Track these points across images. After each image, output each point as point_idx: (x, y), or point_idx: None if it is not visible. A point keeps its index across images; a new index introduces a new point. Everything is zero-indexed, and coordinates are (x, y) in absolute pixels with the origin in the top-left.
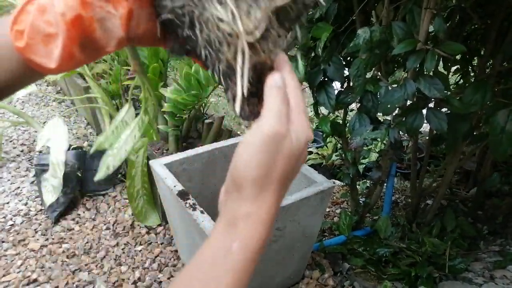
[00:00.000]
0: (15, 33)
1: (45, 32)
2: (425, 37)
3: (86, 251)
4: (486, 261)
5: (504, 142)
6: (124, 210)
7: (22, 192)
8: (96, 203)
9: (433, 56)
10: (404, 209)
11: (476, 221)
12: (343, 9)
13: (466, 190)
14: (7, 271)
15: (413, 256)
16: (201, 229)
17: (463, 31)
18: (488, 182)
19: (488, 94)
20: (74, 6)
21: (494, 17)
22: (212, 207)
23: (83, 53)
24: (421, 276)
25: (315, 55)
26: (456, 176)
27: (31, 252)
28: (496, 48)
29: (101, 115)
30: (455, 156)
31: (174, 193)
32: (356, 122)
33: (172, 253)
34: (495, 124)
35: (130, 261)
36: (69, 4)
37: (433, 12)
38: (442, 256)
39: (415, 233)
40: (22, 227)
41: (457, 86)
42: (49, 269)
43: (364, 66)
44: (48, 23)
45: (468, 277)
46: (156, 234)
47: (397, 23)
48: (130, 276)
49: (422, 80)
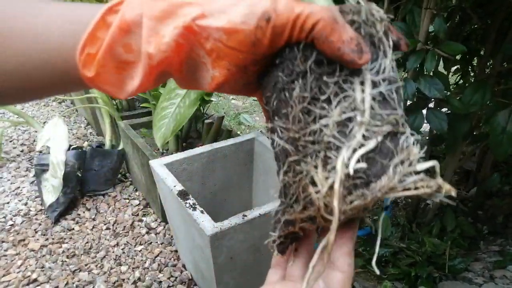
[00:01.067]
0: (85, 57)
1: (121, 59)
2: (425, 37)
3: (86, 251)
4: (486, 261)
5: (504, 143)
6: (124, 210)
7: (22, 192)
8: (96, 203)
9: (433, 56)
10: (404, 209)
11: (476, 221)
12: None
13: (466, 190)
14: (7, 271)
15: (413, 256)
16: (201, 229)
17: (463, 31)
18: (488, 182)
19: (488, 94)
20: (166, 49)
21: (494, 17)
22: (212, 207)
23: (156, 83)
24: (421, 276)
25: None
26: (456, 176)
27: (31, 252)
28: (496, 48)
29: (101, 115)
30: (455, 156)
31: (174, 193)
32: None
33: (172, 253)
34: (495, 124)
35: (130, 261)
36: (161, 48)
37: (433, 12)
38: (442, 256)
39: (415, 233)
40: (22, 227)
41: (457, 86)
42: (49, 269)
43: None
44: (128, 48)
45: (468, 277)
46: (156, 234)
47: (397, 23)
48: (130, 276)
49: (422, 80)
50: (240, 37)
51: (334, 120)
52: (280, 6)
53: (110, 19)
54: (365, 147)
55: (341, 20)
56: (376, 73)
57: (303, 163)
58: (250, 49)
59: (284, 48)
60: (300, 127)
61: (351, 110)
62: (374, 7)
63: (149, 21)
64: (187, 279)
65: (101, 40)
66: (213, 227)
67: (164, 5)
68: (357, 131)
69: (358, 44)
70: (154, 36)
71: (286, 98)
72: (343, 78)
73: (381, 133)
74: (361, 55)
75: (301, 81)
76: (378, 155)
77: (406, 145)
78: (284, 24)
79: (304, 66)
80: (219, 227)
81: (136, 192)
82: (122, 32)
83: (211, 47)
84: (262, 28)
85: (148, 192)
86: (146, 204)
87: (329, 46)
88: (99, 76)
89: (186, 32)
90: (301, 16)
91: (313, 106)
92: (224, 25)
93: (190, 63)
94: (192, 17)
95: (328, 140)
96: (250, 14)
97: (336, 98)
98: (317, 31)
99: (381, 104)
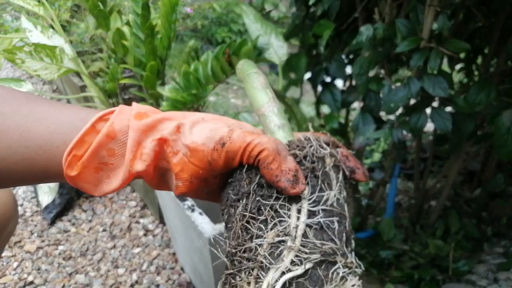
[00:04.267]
0: (71, 158)
1: (103, 161)
2: (429, 35)
3: (83, 253)
4: (490, 263)
5: (509, 143)
6: (121, 212)
7: (18, 193)
8: (92, 204)
9: (437, 54)
10: (407, 210)
11: (480, 223)
12: (346, 6)
13: (470, 191)
14: (3, 273)
15: (416, 258)
16: (199, 231)
17: (467, 29)
18: (492, 183)
19: (493, 94)
20: (146, 159)
21: (498, 15)
22: (210, 208)
23: (130, 183)
24: (424, 278)
25: (317, 53)
26: (460, 176)
27: (27, 254)
28: (500, 47)
29: None
30: (459, 156)
31: (172, 194)
32: (360, 122)
33: (169, 256)
34: (500, 124)
35: (127, 263)
36: (142, 158)
37: (437, 10)
38: (446, 258)
39: (419, 234)
40: (17, 229)
41: (462, 85)
42: (45, 271)
43: (367, 64)
44: (112, 152)
45: (472, 280)
46: (153, 236)
47: (401, 21)
48: (127, 279)
49: (426, 78)
50: (200, 155)
51: (268, 241)
52: (235, 135)
53: (99, 127)
54: (292, 272)
55: (284, 152)
56: (316, 203)
57: (238, 277)
58: (207, 167)
59: (237, 169)
60: (238, 243)
61: (285, 234)
62: (323, 143)
63: (134, 134)
64: (185, 282)
65: (88, 144)
66: (212, 229)
67: (148, 121)
68: (286, 255)
69: (294, 176)
70: (137, 146)
71: (231, 214)
72: (280, 203)
73: (311, 261)
74: (295, 185)
75: (244, 201)
76: (307, 281)
77: (339, 276)
78: (236, 150)
79: (248, 188)
80: (218, 229)
81: (133, 193)
82: (109, 139)
83: (178, 161)
84: (218, 151)
85: (146, 193)
86: (144, 205)
87: (268, 173)
88: (80, 175)
89: (162, 142)
90: (250, 145)
91: (251, 225)
92: (189, 144)
93: (161, 170)
94: (168, 132)
95: (262, 260)
96: (210, 138)
97: (273, 220)
98: (260, 158)
99: (317, 233)
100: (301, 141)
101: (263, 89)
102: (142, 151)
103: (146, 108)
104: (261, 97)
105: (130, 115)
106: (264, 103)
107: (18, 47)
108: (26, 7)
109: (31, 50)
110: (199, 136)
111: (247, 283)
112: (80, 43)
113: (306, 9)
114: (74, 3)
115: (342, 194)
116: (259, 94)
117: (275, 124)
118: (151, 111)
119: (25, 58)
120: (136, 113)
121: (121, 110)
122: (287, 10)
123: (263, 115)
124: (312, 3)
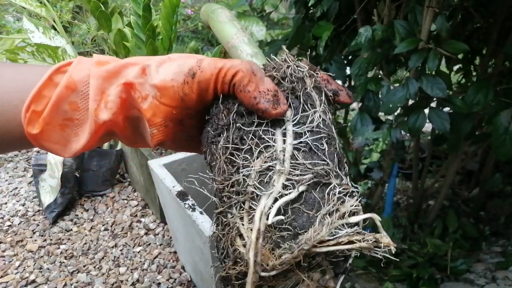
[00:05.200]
0: (30, 114)
1: (67, 116)
2: (427, 36)
3: (84, 252)
4: (488, 262)
5: (507, 143)
6: (122, 211)
7: (20, 193)
8: (94, 203)
9: (435, 55)
10: (406, 209)
11: (478, 222)
12: (344, 8)
13: (468, 191)
14: (5, 272)
15: (414, 257)
16: (200, 230)
17: (465, 30)
18: (490, 183)
19: (491, 94)
20: (112, 106)
21: (496, 16)
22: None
23: (100, 141)
24: (422, 277)
25: (316, 54)
26: (458, 176)
27: (29, 253)
28: (498, 48)
29: None
30: (457, 156)
31: (173, 193)
32: (358, 122)
33: (171, 255)
34: (498, 124)
35: (129, 262)
36: (107, 106)
37: (435, 11)
38: (444, 257)
39: (417, 234)
40: (20, 228)
41: (460, 86)
42: (47, 270)
43: (366, 65)
44: (75, 106)
45: (470, 278)
46: (155, 235)
47: (399, 22)
48: (129, 278)
49: (424, 79)
50: (170, 93)
51: (256, 170)
52: (204, 64)
53: (57, 79)
54: (286, 197)
55: (260, 73)
56: (301, 124)
57: (229, 214)
58: (180, 104)
59: (212, 104)
60: (224, 178)
61: (272, 160)
62: (301, 64)
63: (95, 81)
64: (186, 281)
65: (48, 98)
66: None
67: (110, 66)
68: (277, 180)
69: (274, 96)
70: (100, 95)
71: (213, 151)
72: (263, 129)
73: (304, 183)
74: (277, 105)
75: (225, 134)
76: (303, 205)
77: (336, 196)
78: (208, 79)
79: (227, 119)
80: None
81: (135, 192)
82: (69, 91)
83: (148, 105)
84: (189, 84)
85: (147, 192)
86: (145, 205)
87: (246, 96)
88: (43, 133)
89: (128, 87)
90: (223, 70)
91: (235, 157)
92: (157, 83)
93: (132, 121)
94: (133, 75)
95: (252, 190)
96: (178, 72)
97: (258, 148)
98: (235, 81)
99: (306, 155)
100: (277, 63)
101: (229, 21)
102: (106, 99)
103: (108, 58)
104: (229, 29)
105: (90, 64)
106: (232, 34)
107: (21, 47)
108: (28, 8)
109: (34, 50)
110: (167, 73)
111: (239, 218)
112: (82, 44)
113: (305, 11)
114: (75, 5)
115: (327, 115)
116: (226, 26)
117: (247, 54)
118: (113, 59)
119: (27, 58)
120: (97, 61)
121: (80, 60)
122: (286, 11)
123: (233, 47)
124: (311, 4)
